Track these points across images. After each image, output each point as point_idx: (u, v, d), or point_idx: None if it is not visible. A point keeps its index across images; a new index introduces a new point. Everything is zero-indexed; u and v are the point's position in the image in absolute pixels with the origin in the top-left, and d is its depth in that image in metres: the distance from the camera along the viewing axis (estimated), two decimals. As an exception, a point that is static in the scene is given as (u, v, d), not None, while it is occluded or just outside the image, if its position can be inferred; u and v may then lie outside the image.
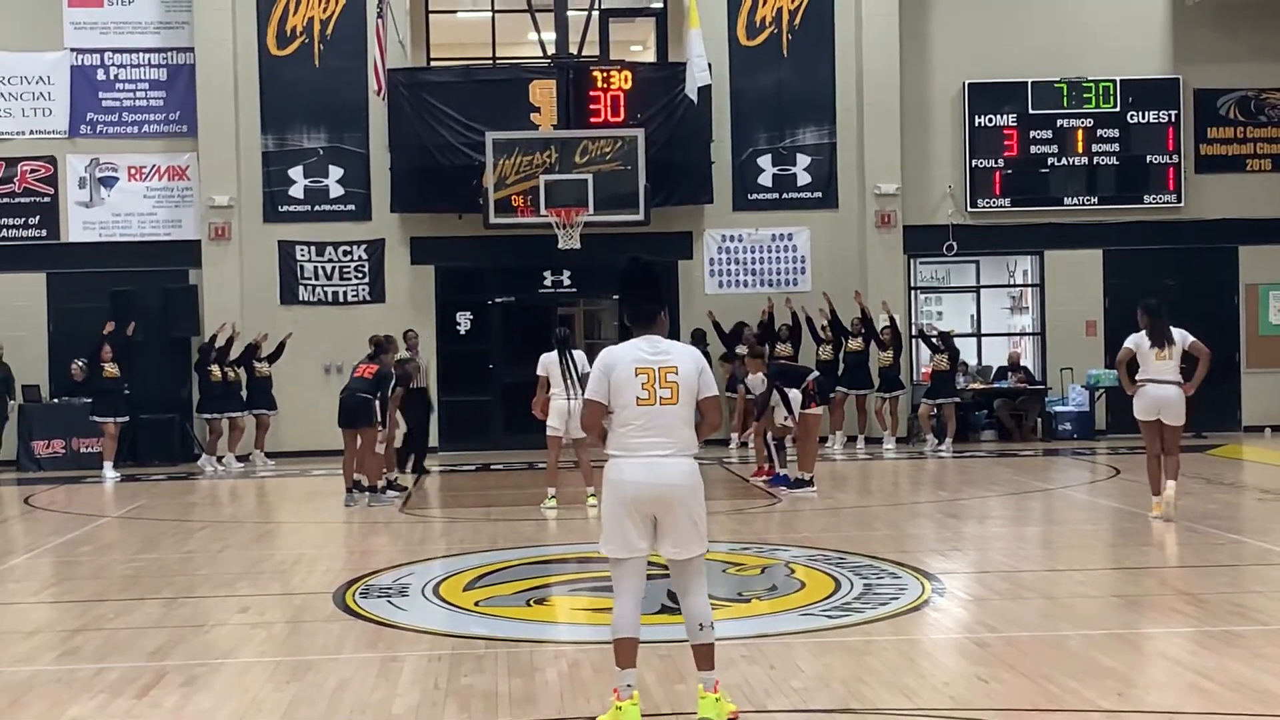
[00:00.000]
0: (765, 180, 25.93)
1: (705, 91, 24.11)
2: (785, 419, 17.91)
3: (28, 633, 10.14)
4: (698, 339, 23.76)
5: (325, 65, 25.49)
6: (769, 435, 18.67)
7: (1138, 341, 14.48)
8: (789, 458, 18.55)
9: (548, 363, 16.75)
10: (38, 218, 25.33)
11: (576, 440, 16.58)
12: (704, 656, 7.18)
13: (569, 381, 16.39)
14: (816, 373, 18.55)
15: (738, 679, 8.03)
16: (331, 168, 25.49)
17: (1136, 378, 14.49)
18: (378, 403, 17.37)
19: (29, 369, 24.73)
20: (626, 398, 7.11)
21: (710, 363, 7.91)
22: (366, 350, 18.18)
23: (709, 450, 23.29)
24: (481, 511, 16.92)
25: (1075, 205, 26.14)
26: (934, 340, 24.16)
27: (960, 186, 26.10)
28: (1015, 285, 27.47)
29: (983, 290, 27.09)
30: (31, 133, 25.40)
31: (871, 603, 10.36)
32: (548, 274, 25.51)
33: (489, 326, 25.75)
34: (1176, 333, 14.47)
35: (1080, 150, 26.07)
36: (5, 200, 25.27)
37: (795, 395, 17.56)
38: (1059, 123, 26.04)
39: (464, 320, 25.66)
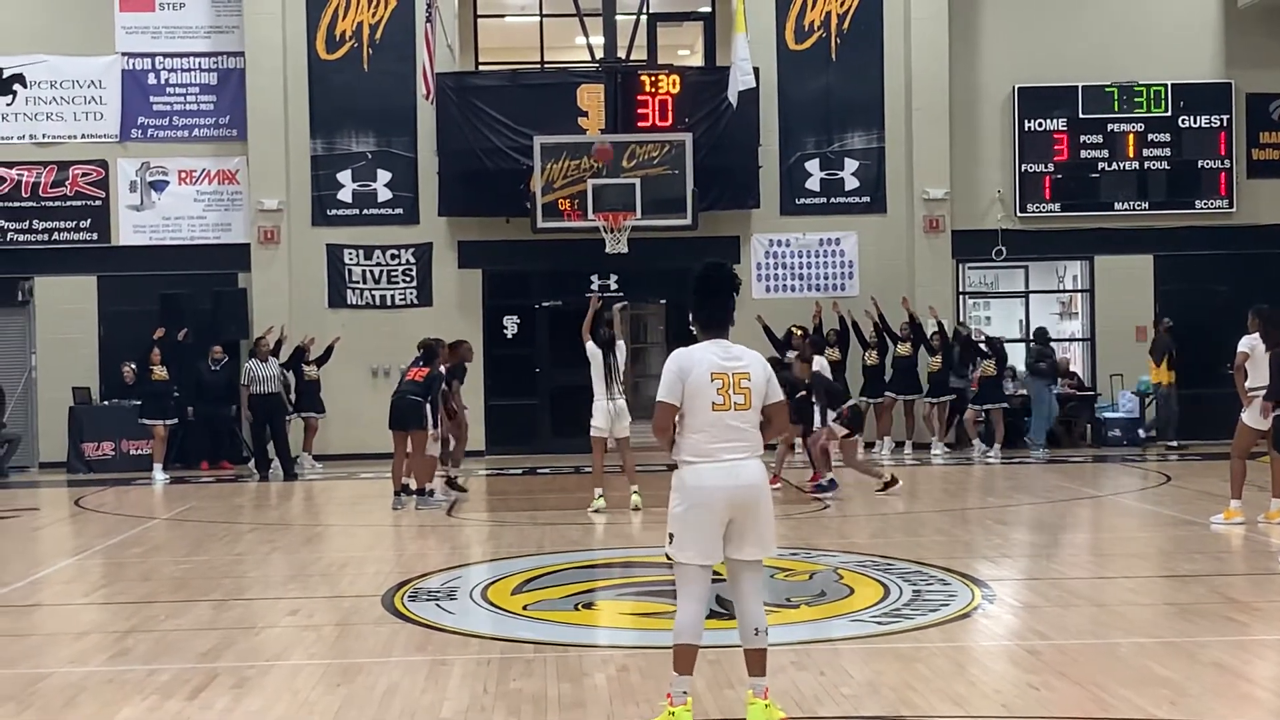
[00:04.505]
0: (813, 185, 25.86)
1: (753, 95, 24.07)
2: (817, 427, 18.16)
3: (79, 634, 10.21)
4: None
5: (374, 69, 25.57)
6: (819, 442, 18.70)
7: (1251, 345, 14.32)
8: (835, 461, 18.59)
9: (594, 357, 16.88)
10: (89, 221, 25.50)
11: (620, 440, 16.67)
12: (757, 662, 7.18)
13: (611, 382, 16.56)
14: (854, 401, 18.56)
15: (787, 685, 8.00)
16: (380, 171, 25.57)
17: (1248, 384, 14.33)
18: (429, 405, 17.47)
19: (79, 371, 24.91)
20: (701, 403, 7.09)
21: None
22: (414, 354, 18.29)
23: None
24: (528, 515, 16.92)
25: (1126, 210, 25.96)
26: (981, 346, 24.04)
27: (1009, 191, 25.95)
28: (1065, 291, 27.27)
29: (1032, 296, 26.90)
30: (83, 136, 25.58)
31: (921, 609, 10.31)
32: (595, 278, 25.45)
33: (536, 330, 25.75)
34: None
35: (1131, 155, 25.88)
36: (57, 203, 25.46)
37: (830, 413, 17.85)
38: (1109, 127, 25.87)
39: (511, 324, 25.67)
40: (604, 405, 16.61)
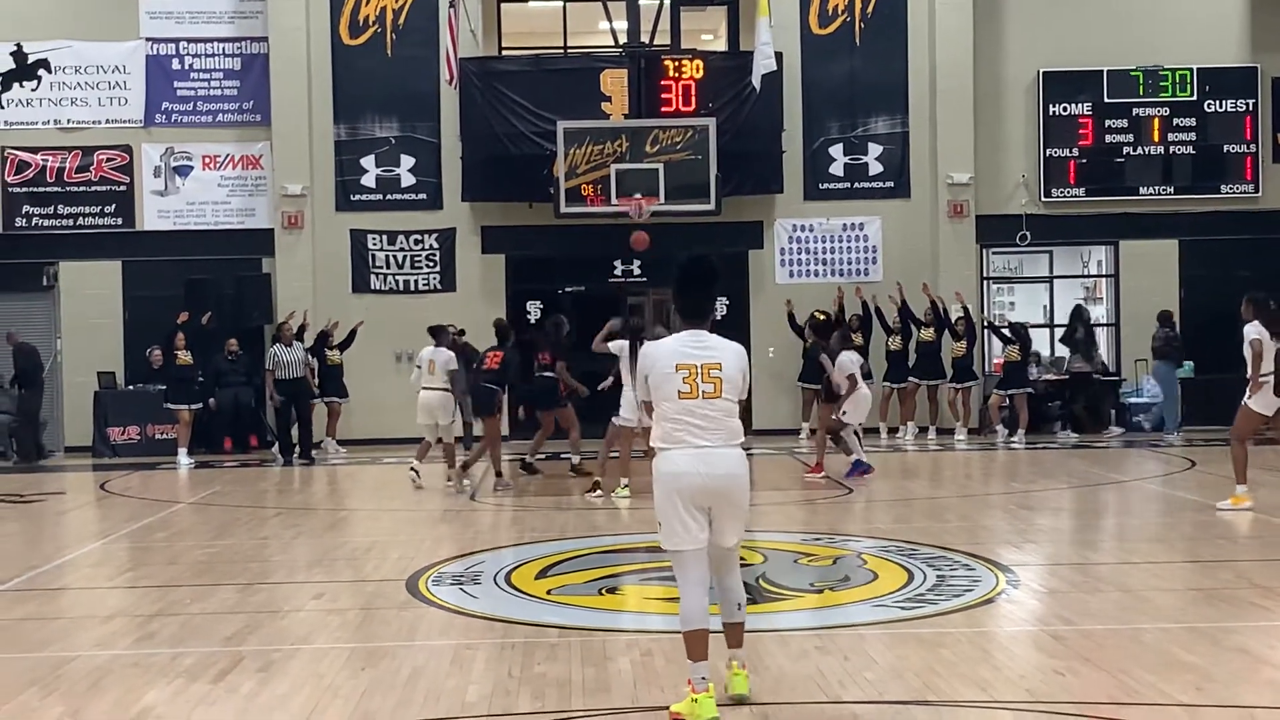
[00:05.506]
0: (837, 170, 25.80)
1: (776, 80, 24.05)
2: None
3: (105, 617, 10.24)
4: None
5: (397, 54, 25.59)
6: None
7: (1259, 331, 14.30)
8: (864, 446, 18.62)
9: (620, 348, 16.84)
10: (114, 206, 25.60)
11: (646, 429, 16.63)
12: (736, 635, 7.44)
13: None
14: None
15: (811, 670, 8.00)
16: (403, 157, 25.60)
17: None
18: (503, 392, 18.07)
19: (104, 356, 24.99)
20: (667, 392, 7.18)
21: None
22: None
23: (778, 440, 23.19)
24: (552, 500, 16.93)
25: (1151, 195, 25.87)
26: (1005, 331, 24.01)
27: (1034, 176, 25.87)
28: (1089, 276, 27.19)
29: (1056, 281, 26.82)
30: (108, 122, 25.67)
31: (945, 594, 10.29)
32: (618, 263, 25.43)
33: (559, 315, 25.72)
34: None
35: (1156, 139, 25.79)
36: (82, 189, 25.56)
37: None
38: (1135, 112, 25.78)
39: (534, 309, 25.65)
40: (632, 396, 16.56)
